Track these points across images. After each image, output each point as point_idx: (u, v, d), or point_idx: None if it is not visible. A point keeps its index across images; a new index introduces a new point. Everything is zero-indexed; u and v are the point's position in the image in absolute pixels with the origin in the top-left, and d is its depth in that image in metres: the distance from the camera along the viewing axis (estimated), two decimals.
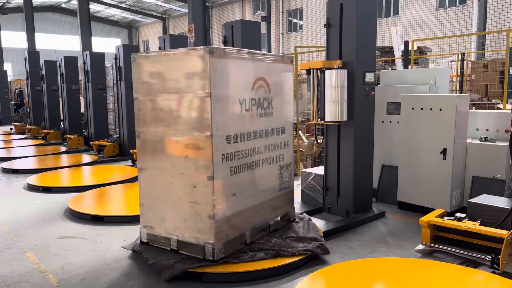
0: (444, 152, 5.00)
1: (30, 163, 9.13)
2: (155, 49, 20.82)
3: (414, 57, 9.28)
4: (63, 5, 36.06)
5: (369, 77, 5.00)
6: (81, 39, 20.23)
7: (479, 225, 3.92)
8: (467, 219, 4.07)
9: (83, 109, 12.57)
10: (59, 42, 36.06)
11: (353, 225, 4.84)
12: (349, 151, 5.05)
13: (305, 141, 8.53)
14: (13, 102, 21.45)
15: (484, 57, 15.99)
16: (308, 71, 5.01)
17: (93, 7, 33.03)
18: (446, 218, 4.14)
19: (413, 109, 5.27)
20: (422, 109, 5.19)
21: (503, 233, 3.68)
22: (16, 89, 21.93)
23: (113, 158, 9.71)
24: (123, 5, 35.15)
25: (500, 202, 4.22)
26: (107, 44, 37.24)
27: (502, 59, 10.97)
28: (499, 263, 3.60)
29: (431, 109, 5.10)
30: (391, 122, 5.86)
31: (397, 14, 21.83)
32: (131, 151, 8.89)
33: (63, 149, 11.16)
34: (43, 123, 14.21)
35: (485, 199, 4.30)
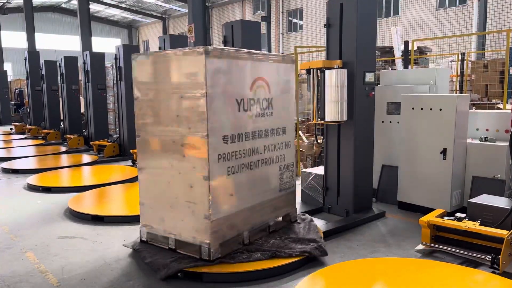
0: (444, 152, 5.00)
1: (30, 163, 9.13)
2: (155, 49, 20.83)
3: (414, 57, 9.28)
4: (63, 5, 36.07)
5: (369, 77, 5.00)
6: (81, 39, 20.23)
7: (479, 225, 3.92)
8: (467, 219, 4.07)
9: (83, 109, 12.58)
10: (59, 42, 36.07)
11: (353, 225, 4.84)
12: (349, 151, 5.05)
13: (305, 141, 8.54)
14: (13, 102, 21.46)
15: (484, 57, 15.99)
16: (308, 71, 5.01)
17: (93, 7, 33.03)
18: (446, 218, 4.14)
19: (413, 109, 5.28)
20: (422, 109, 5.19)
21: (503, 233, 3.68)
22: (16, 89, 21.94)
23: (113, 158, 9.72)
24: (123, 5, 35.15)
25: (500, 202, 4.22)
26: (107, 44, 37.25)
27: (502, 59, 10.97)
28: (499, 263, 3.60)
29: (431, 109, 5.10)
30: (391, 122, 5.86)
31: (397, 14, 21.84)
32: (131, 151, 8.90)
33: (63, 149, 11.17)
34: (43, 123, 14.22)
35: (485, 199, 4.30)
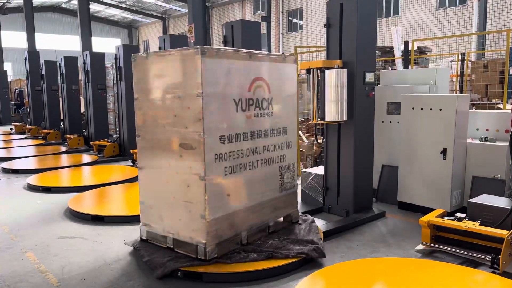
0: (444, 152, 5.00)
1: (30, 163, 9.13)
2: (155, 49, 20.83)
3: (414, 57, 9.28)
4: (63, 5, 36.08)
5: (369, 77, 5.00)
6: (81, 39, 20.24)
7: (479, 225, 3.92)
8: (467, 219, 4.07)
9: (83, 109, 12.58)
10: (59, 42, 36.07)
11: (353, 225, 4.84)
12: (349, 151, 5.05)
13: (305, 141, 8.53)
14: (13, 102, 21.47)
15: (484, 57, 16.00)
16: (308, 71, 5.01)
17: (93, 7, 33.04)
18: (446, 218, 4.14)
19: (413, 109, 5.27)
20: (422, 109, 5.19)
21: (503, 233, 3.68)
22: (16, 89, 21.94)
23: (113, 158, 9.72)
24: (123, 5, 35.16)
25: (500, 202, 4.22)
26: (107, 44, 37.25)
27: (502, 59, 10.97)
28: (499, 263, 3.60)
29: (431, 109, 5.10)
30: (391, 122, 5.86)
31: (397, 14, 21.84)
32: (131, 151, 8.90)
33: (63, 149, 11.17)
34: (43, 123, 14.22)
35: (485, 199, 4.30)
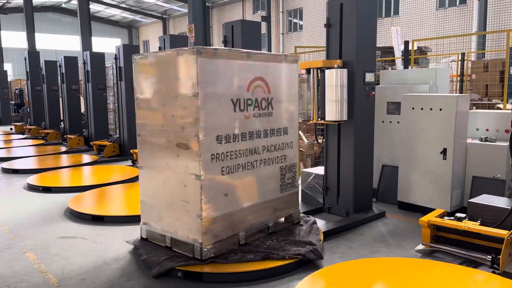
0: (444, 152, 5.00)
1: (30, 163, 9.13)
2: (155, 49, 20.84)
3: (414, 57, 9.28)
4: (63, 5, 36.08)
5: (369, 77, 5.00)
6: (81, 39, 20.24)
7: (479, 225, 3.92)
8: (467, 219, 4.06)
9: (83, 109, 12.58)
10: (59, 42, 36.07)
11: (353, 225, 4.84)
12: (349, 151, 5.05)
13: (305, 141, 8.53)
14: (13, 102, 21.47)
15: (484, 57, 15.99)
16: (308, 71, 5.01)
17: (93, 7, 33.04)
18: (446, 218, 4.14)
19: (413, 109, 5.27)
20: (422, 109, 5.19)
21: (503, 233, 3.68)
22: (16, 89, 21.95)
23: (113, 158, 9.72)
24: (123, 5, 35.16)
25: (500, 202, 4.22)
26: (107, 44, 37.25)
27: (502, 59, 10.97)
28: (499, 263, 3.60)
29: (431, 109, 5.10)
30: (391, 122, 5.85)
31: (397, 14, 21.84)
32: (131, 151, 8.90)
33: (63, 149, 11.17)
34: (43, 123, 14.22)
35: (485, 199, 4.30)
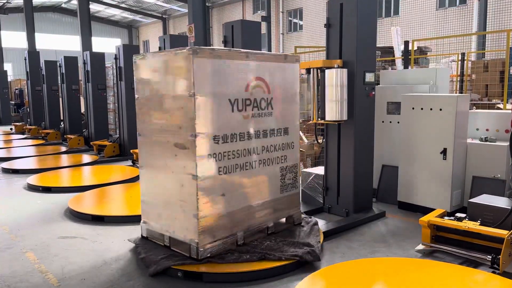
0: (444, 152, 5.00)
1: (30, 163, 9.13)
2: (155, 49, 20.80)
3: (414, 57, 9.28)
4: (63, 5, 36.08)
5: (369, 77, 5.00)
6: (81, 39, 20.23)
7: (479, 225, 3.92)
8: (467, 219, 4.06)
9: (83, 109, 12.57)
10: (59, 42, 36.07)
11: (353, 225, 4.84)
12: (349, 151, 5.05)
13: (305, 141, 8.53)
14: (13, 102, 21.47)
15: (484, 57, 15.99)
16: (308, 71, 5.01)
17: (93, 7, 33.03)
18: (446, 218, 4.14)
19: (413, 109, 5.27)
20: (422, 109, 5.19)
21: (503, 233, 3.68)
22: (16, 89, 21.95)
23: (113, 158, 9.72)
24: (123, 5, 35.15)
25: (500, 202, 4.22)
26: (107, 44, 37.25)
27: (502, 59, 10.97)
28: (499, 263, 3.60)
29: (431, 109, 5.10)
30: (391, 122, 5.85)
31: (397, 14, 21.84)
32: (131, 151, 8.89)
33: (63, 149, 11.16)
34: (43, 123, 14.21)
35: (485, 199, 4.30)
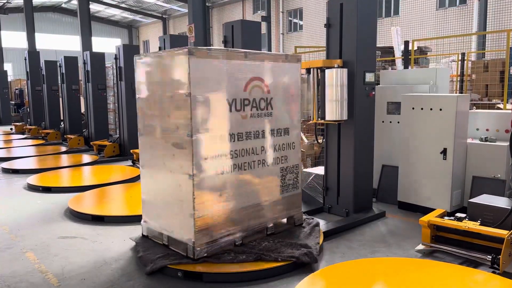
0: (444, 152, 5.00)
1: (30, 163, 9.13)
2: (155, 49, 20.82)
3: (414, 57, 9.28)
4: (63, 5, 36.07)
5: (369, 77, 5.00)
6: (81, 39, 20.24)
7: (479, 225, 3.92)
8: (467, 219, 4.06)
9: (83, 109, 12.58)
10: (59, 42, 36.07)
11: (353, 225, 4.84)
12: (349, 151, 5.05)
13: (305, 141, 8.52)
14: (13, 102, 21.47)
15: (484, 57, 15.99)
16: (308, 70, 5.01)
17: (93, 7, 33.03)
18: (446, 218, 4.14)
19: (413, 109, 5.27)
20: (422, 109, 5.19)
21: (503, 233, 3.68)
22: (16, 89, 21.95)
23: (113, 158, 9.72)
24: (123, 5, 35.15)
25: (500, 202, 4.22)
26: (107, 44, 37.24)
27: (502, 59, 10.96)
28: (499, 263, 3.60)
29: (431, 109, 5.10)
30: (391, 122, 5.86)
31: (397, 14, 21.83)
32: (131, 151, 8.89)
33: (63, 149, 11.17)
34: (43, 123, 14.22)
35: (485, 199, 4.30)
